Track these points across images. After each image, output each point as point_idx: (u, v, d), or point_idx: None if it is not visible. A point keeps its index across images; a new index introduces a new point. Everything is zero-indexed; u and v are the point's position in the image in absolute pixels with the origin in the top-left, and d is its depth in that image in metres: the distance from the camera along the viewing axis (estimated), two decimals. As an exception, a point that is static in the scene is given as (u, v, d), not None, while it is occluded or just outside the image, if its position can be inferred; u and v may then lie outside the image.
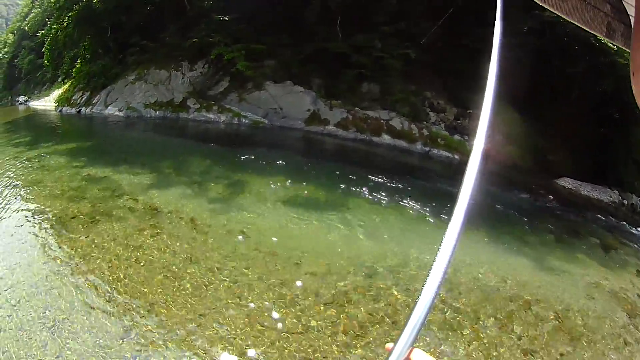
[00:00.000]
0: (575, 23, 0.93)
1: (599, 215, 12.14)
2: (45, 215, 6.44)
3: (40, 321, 3.70)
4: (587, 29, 0.95)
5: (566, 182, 16.36)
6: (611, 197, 15.98)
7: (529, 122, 18.43)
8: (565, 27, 16.46)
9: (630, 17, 0.92)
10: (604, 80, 17.07)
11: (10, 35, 50.30)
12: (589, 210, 12.80)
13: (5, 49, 50.12)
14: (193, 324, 3.79)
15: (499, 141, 18.10)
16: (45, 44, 27.20)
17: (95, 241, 5.41)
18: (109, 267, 4.75)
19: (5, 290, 4.21)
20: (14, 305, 3.94)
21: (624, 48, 0.97)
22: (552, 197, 13.14)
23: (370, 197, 8.58)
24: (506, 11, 0.71)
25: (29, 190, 7.93)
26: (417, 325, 0.52)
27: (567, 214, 11.25)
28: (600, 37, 1.02)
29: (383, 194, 8.84)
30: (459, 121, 17.85)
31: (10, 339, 3.47)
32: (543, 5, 0.88)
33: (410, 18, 18.32)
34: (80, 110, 22.22)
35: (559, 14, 0.90)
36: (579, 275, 6.21)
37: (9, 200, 7.14)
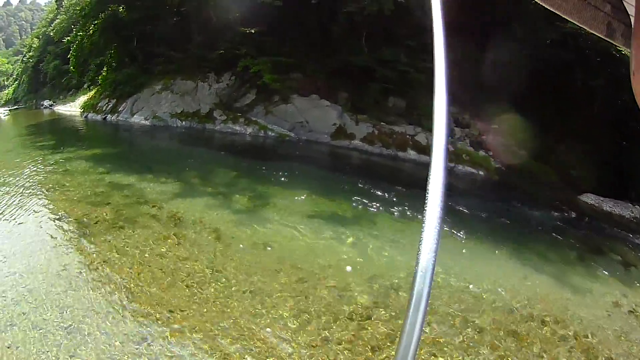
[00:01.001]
0: (576, 23, 0.91)
1: (620, 232, 11.71)
2: (68, 219, 6.37)
3: (56, 321, 3.63)
4: (587, 29, 0.94)
5: (589, 198, 15.80)
6: (632, 212, 15.36)
7: (552, 135, 17.93)
8: (587, 38, 15.92)
9: (631, 17, 0.90)
10: (625, 92, 16.37)
11: (35, 40, 50.67)
12: (610, 226, 12.38)
13: (30, 53, 50.54)
14: (212, 334, 3.67)
15: (523, 156, 17.62)
16: (70, 50, 27.15)
17: (117, 246, 5.33)
18: (129, 272, 4.66)
19: (23, 288, 4.15)
20: (31, 303, 3.89)
21: (624, 48, 0.97)
22: (574, 214, 12.70)
23: (396, 213, 8.31)
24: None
25: (52, 193, 7.92)
26: (413, 340, 0.46)
27: (589, 230, 10.82)
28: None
29: (409, 211, 8.55)
30: (483, 137, 17.34)
31: (24, 336, 3.42)
32: (543, 4, 0.85)
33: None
34: (106, 117, 22.09)
35: (559, 14, 0.88)
36: (599, 293, 5.96)
37: (32, 202, 7.15)
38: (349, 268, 5.34)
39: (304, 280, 4.82)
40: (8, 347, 3.26)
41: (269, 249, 5.68)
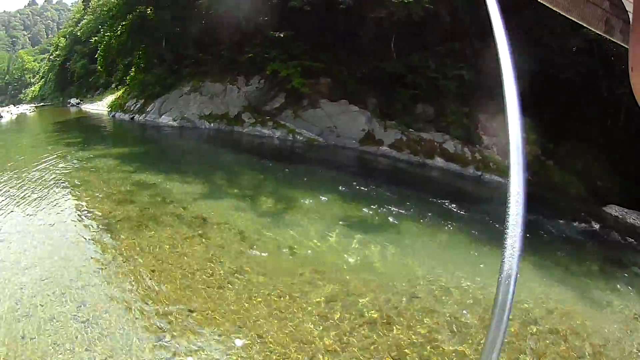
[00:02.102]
0: (574, 19, 0.89)
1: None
2: (92, 215, 6.27)
3: (73, 314, 3.57)
4: (586, 26, 0.92)
5: (613, 210, 15.23)
6: (657, 225, 14.77)
7: (578, 145, 17.36)
8: (612, 45, 15.35)
9: (629, 13, 0.87)
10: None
11: (62, 39, 51.27)
12: (634, 239, 11.93)
13: (57, 52, 51.20)
14: (231, 335, 3.59)
15: (549, 166, 17.09)
16: (98, 50, 27.20)
17: (141, 245, 5.24)
18: (151, 270, 4.56)
19: (42, 280, 4.06)
20: (49, 296, 3.80)
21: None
22: (598, 225, 12.23)
23: (421, 221, 8.07)
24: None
25: (77, 190, 7.84)
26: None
27: (612, 243, 10.42)
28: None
29: (435, 219, 8.34)
30: (511, 145, 16.87)
31: (39, 327, 3.35)
32: (543, 2, 0.82)
33: (464, 38, 17.40)
34: (134, 117, 22.08)
35: (558, 10, 0.86)
36: (619, 307, 5.78)
37: (56, 198, 7.08)
38: (371, 274, 5.22)
39: (328, 285, 4.72)
40: (22, 338, 3.20)
41: (293, 252, 5.56)
